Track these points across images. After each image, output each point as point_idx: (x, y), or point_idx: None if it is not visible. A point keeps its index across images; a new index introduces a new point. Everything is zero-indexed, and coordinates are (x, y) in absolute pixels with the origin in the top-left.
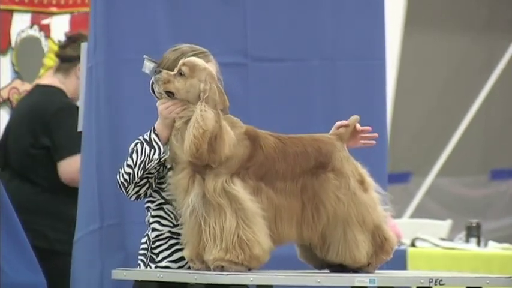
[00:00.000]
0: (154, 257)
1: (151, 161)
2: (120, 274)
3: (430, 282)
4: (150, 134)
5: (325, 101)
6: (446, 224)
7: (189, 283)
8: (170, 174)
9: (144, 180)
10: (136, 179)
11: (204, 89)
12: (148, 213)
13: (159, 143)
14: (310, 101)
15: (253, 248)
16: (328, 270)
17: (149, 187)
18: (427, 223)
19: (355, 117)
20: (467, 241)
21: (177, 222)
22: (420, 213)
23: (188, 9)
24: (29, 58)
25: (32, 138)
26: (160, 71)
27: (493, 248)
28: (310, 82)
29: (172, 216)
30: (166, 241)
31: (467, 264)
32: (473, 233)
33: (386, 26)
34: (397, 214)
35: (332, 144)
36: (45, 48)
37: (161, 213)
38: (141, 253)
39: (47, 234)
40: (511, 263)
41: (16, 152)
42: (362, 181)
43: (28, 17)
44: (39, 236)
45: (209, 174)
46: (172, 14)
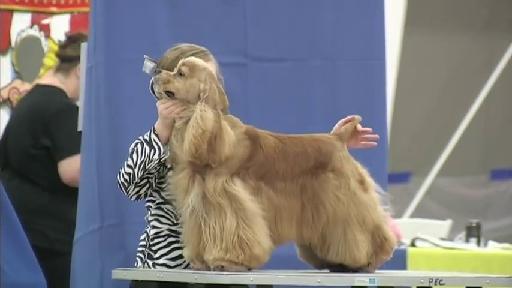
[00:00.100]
0: (152, 254)
1: (151, 161)
2: (120, 274)
3: (430, 282)
4: (150, 134)
5: (325, 101)
6: (446, 224)
7: (189, 283)
8: (170, 174)
9: (145, 181)
10: (137, 179)
11: (204, 88)
12: (149, 211)
13: (159, 143)
14: (310, 101)
15: (254, 248)
16: (328, 270)
17: (149, 187)
18: (427, 223)
19: (358, 117)
20: (467, 241)
21: (177, 221)
22: (420, 213)
23: (188, 9)
24: (29, 58)
25: (32, 139)
26: (160, 71)
27: (493, 248)
28: (310, 82)
29: (171, 215)
30: (165, 239)
31: (467, 264)
32: (473, 233)
33: (386, 26)
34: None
35: (332, 144)
36: (45, 48)
37: (160, 212)
38: (140, 250)
39: (47, 234)
40: (511, 263)
41: (16, 152)
42: (362, 181)
43: (28, 17)
44: (40, 235)
45: (209, 174)
46: (172, 14)
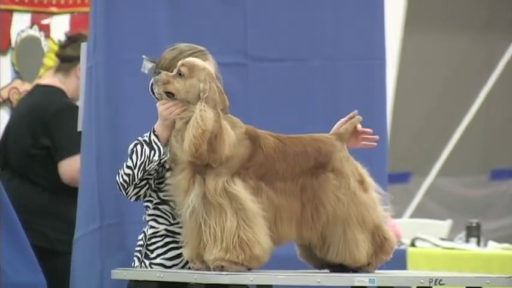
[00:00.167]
0: (149, 253)
1: (151, 162)
2: (120, 274)
3: (430, 282)
4: (149, 135)
5: (325, 101)
6: (446, 224)
7: (189, 283)
8: (168, 174)
9: (144, 182)
10: (136, 180)
11: (204, 88)
12: (146, 211)
13: (159, 144)
14: (310, 101)
15: (254, 248)
16: (328, 270)
17: (148, 188)
18: (427, 223)
19: (358, 117)
20: (467, 241)
21: (174, 221)
22: (420, 213)
23: (188, 9)
24: (29, 58)
25: (32, 139)
26: (159, 72)
27: (493, 248)
28: (310, 82)
29: (169, 215)
30: (162, 239)
31: (467, 264)
32: (473, 233)
33: (386, 26)
34: (397, 214)
35: (332, 144)
36: (45, 48)
37: (158, 212)
38: (137, 249)
39: (47, 234)
40: (511, 263)
41: (16, 152)
42: (362, 181)
43: (28, 17)
44: (40, 235)
45: (210, 174)
46: (172, 14)
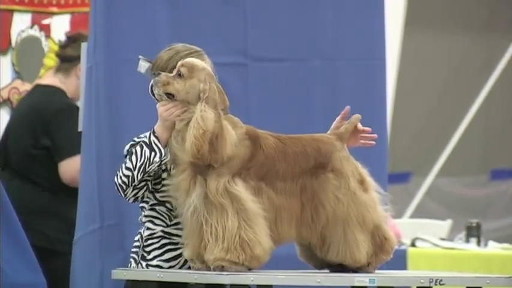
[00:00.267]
0: (145, 255)
1: (152, 163)
2: (120, 274)
3: (430, 282)
4: (149, 136)
5: (325, 101)
6: (446, 224)
7: (189, 283)
8: (165, 175)
9: (143, 183)
10: (136, 181)
11: (204, 89)
12: (142, 212)
13: (160, 146)
14: (310, 101)
15: (255, 248)
16: (328, 270)
17: (147, 189)
18: (427, 223)
19: (357, 116)
20: (467, 241)
21: (170, 222)
22: (420, 213)
23: (188, 9)
24: (29, 58)
25: (32, 139)
26: (158, 73)
27: (493, 248)
28: (310, 82)
29: (165, 216)
30: (159, 240)
31: (467, 264)
32: (473, 233)
33: (386, 26)
34: (397, 214)
35: (332, 144)
36: (46, 48)
37: (154, 214)
38: (133, 251)
39: (47, 234)
40: (511, 263)
41: (16, 152)
42: (362, 181)
43: (28, 17)
44: (40, 235)
45: (211, 175)
46: (172, 14)
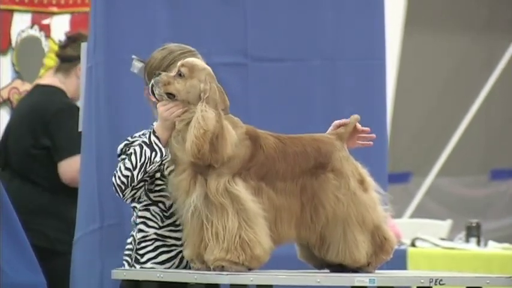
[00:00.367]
0: (139, 257)
1: (152, 163)
2: (120, 274)
3: (430, 282)
4: (149, 136)
5: (325, 101)
6: (446, 224)
7: (189, 283)
8: (158, 175)
9: (142, 183)
10: (135, 181)
11: (204, 89)
12: (134, 213)
13: (160, 146)
14: (310, 101)
15: (255, 248)
16: (328, 270)
17: (144, 189)
18: (427, 223)
19: (356, 116)
20: (467, 241)
21: (163, 224)
22: (420, 213)
23: (188, 9)
24: (29, 58)
25: (32, 139)
26: (159, 73)
27: (493, 248)
28: (310, 82)
29: (158, 217)
30: (152, 243)
31: (467, 264)
32: (473, 233)
33: (386, 26)
34: (397, 214)
35: (332, 144)
36: (46, 48)
37: (147, 215)
38: (126, 253)
39: (47, 234)
40: (511, 263)
41: (16, 152)
42: (362, 181)
43: (28, 17)
44: (40, 235)
45: (211, 175)
46: (172, 14)
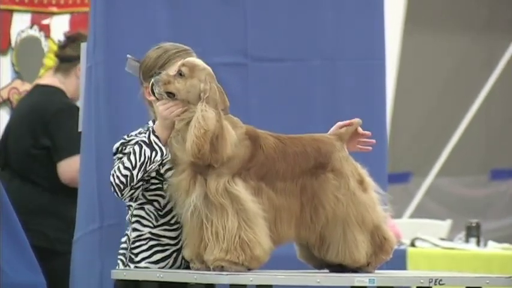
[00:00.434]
0: (133, 257)
1: (152, 162)
2: (120, 274)
3: (430, 282)
4: (149, 135)
5: (325, 101)
6: (446, 224)
7: (189, 283)
8: (153, 174)
9: (140, 183)
10: (135, 181)
11: (204, 88)
12: (129, 212)
13: (160, 145)
14: (310, 101)
15: (254, 248)
16: (327, 270)
17: (142, 189)
18: (427, 223)
19: (358, 120)
20: (467, 241)
21: (157, 223)
22: (420, 213)
23: (188, 9)
24: (29, 58)
25: (32, 139)
26: (159, 72)
27: (493, 248)
28: (310, 82)
29: (152, 216)
30: (147, 242)
31: (467, 264)
32: (473, 233)
33: (386, 26)
34: (397, 214)
35: (331, 144)
36: (45, 48)
37: (142, 213)
38: (121, 253)
39: (47, 234)
40: (511, 263)
41: (16, 152)
42: (361, 181)
43: (28, 17)
44: (40, 235)
45: (211, 175)
46: (172, 14)
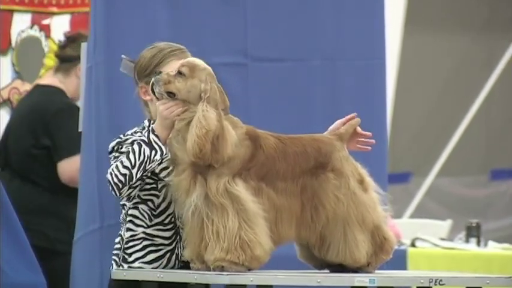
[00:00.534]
0: (126, 257)
1: (152, 161)
2: (120, 274)
3: (430, 282)
4: (148, 135)
5: (325, 101)
6: (446, 224)
7: (189, 283)
8: (149, 173)
9: (139, 182)
10: (134, 180)
11: (205, 88)
12: (123, 211)
13: (160, 144)
14: (310, 101)
15: (255, 249)
16: (328, 270)
17: (139, 188)
18: (427, 223)
19: (357, 119)
20: (467, 241)
21: (151, 223)
22: (420, 213)
23: (188, 9)
24: (29, 58)
25: (32, 139)
26: (160, 72)
27: (493, 248)
28: (310, 82)
29: (146, 216)
30: (140, 242)
31: (467, 264)
32: (473, 233)
33: (386, 25)
34: (397, 214)
35: (332, 144)
36: (46, 49)
37: (136, 213)
38: (114, 253)
39: (47, 234)
40: (511, 263)
41: (17, 152)
42: (362, 181)
43: (28, 17)
44: (40, 235)
45: (211, 175)
46: (172, 14)
